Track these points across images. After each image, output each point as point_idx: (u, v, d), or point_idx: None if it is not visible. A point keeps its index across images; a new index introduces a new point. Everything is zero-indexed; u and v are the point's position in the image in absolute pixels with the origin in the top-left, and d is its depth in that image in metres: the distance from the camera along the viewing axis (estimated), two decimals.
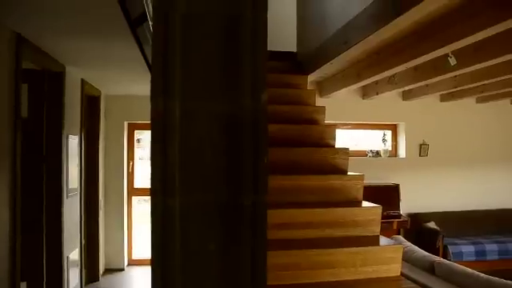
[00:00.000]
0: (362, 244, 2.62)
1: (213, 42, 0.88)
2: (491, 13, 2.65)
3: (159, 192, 0.88)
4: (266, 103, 0.86)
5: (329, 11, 3.75)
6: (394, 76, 4.81)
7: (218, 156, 0.87)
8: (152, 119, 0.90)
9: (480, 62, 3.76)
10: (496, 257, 5.88)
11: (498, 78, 4.66)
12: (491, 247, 5.90)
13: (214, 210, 0.88)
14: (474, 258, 5.75)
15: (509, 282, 2.82)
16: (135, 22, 2.59)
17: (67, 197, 3.84)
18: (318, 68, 4.10)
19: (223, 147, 0.87)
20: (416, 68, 4.44)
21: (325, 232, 2.69)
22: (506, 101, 6.97)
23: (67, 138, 3.82)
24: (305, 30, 4.59)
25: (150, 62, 0.99)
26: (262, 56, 0.88)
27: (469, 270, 3.11)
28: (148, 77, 0.94)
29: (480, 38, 3.05)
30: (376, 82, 5.37)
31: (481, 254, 5.82)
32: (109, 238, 5.66)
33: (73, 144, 4.04)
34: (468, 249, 5.79)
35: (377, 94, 5.66)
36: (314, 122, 3.73)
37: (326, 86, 5.61)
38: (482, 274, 2.98)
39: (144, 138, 6.56)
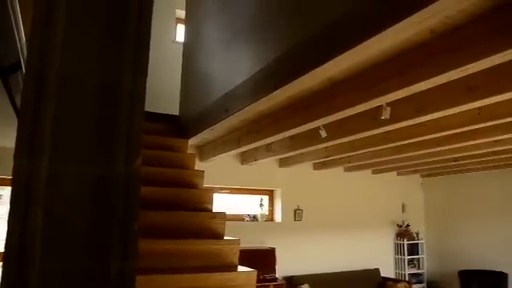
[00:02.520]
0: None
1: (88, 104, 0.86)
2: (350, 95, 3.04)
3: (15, 260, 0.79)
4: (140, 169, 0.85)
5: (211, 79, 3.91)
6: (271, 144, 5.09)
7: (84, 222, 0.82)
8: (14, 177, 0.83)
9: (344, 137, 4.21)
10: None
11: (360, 151, 5.23)
12: None
13: (77, 280, 0.81)
14: None
15: None
16: (7, 70, 2.40)
17: None
18: (198, 133, 4.18)
19: (91, 212, 0.82)
20: (292, 138, 4.77)
21: None
22: (368, 171, 7.78)
23: None
24: (188, 94, 4.69)
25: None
26: (138, 121, 0.87)
27: None
28: (15, 129, 0.87)
29: (343, 116, 3.44)
30: (255, 149, 5.62)
31: None
32: None
33: None
34: None
35: (255, 160, 5.90)
36: (192, 185, 3.73)
37: (207, 151, 5.71)
38: None
39: (6, 193, 5.88)
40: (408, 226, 8.32)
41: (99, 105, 0.88)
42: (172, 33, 6.47)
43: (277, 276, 6.11)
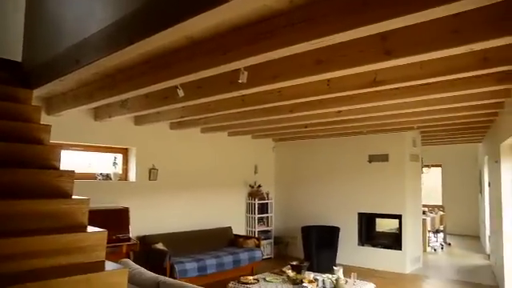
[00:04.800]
0: (86, 271, 2.50)
1: None
2: (208, 57, 3.06)
3: None
4: None
5: (63, 23, 3.53)
6: (126, 101, 4.89)
7: None
8: None
9: (201, 98, 4.24)
10: (214, 270, 6.58)
11: (217, 113, 5.35)
12: (211, 262, 6.56)
13: None
14: (196, 274, 6.28)
15: None
16: None
17: None
18: (46, 83, 3.78)
19: None
20: (147, 95, 4.64)
21: (47, 261, 2.46)
22: (224, 133, 8.02)
23: None
24: (34, 38, 4.16)
25: None
26: None
27: (189, 285, 3.35)
28: None
29: (201, 77, 3.46)
30: (109, 105, 5.34)
31: (202, 269, 6.39)
32: None
33: None
34: (192, 266, 6.27)
35: (109, 116, 5.61)
36: (37, 141, 3.40)
37: (55, 104, 5.24)
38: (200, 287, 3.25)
39: None
40: (259, 186, 8.89)
41: None
42: None
43: (130, 236, 6.04)
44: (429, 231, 9.97)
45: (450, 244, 10.73)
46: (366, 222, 8.41)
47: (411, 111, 5.22)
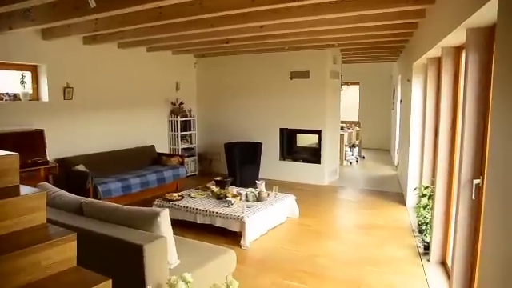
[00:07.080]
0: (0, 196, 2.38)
1: None
2: None
3: None
4: None
5: None
6: (29, 10, 4.37)
7: None
8: None
9: (115, 9, 3.91)
10: (139, 189, 6.61)
11: (133, 27, 5.00)
12: (135, 181, 6.56)
13: None
14: (121, 193, 6.28)
15: (144, 208, 3.17)
16: None
17: None
18: None
19: None
20: (54, 5, 4.19)
21: None
22: (143, 48, 7.63)
23: None
24: None
25: None
26: None
27: (112, 204, 3.30)
28: None
29: None
30: (8, 15, 4.75)
31: (127, 188, 6.39)
32: None
33: None
34: (115, 186, 6.22)
35: (10, 28, 4.99)
36: None
37: None
38: (125, 206, 3.22)
39: None
40: (181, 103, 8.77)
41: None
42: None
43: (48, 159, 5.78)
44: (345, 146, 10.62)
45: (364, 157, 11.56)
46: (288, 138, 8.73)
47: (332, 28, 5.26)
